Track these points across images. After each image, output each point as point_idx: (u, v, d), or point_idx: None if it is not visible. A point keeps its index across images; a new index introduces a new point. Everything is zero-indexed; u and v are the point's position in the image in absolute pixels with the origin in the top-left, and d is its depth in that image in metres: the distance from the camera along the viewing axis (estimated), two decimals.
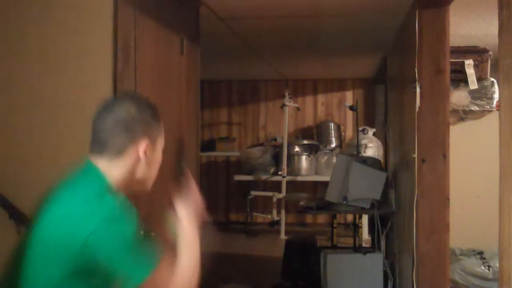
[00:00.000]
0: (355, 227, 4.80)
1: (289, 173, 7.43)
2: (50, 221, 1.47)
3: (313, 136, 8.13)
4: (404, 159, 3.96)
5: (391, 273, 4.29)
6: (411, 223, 3.34)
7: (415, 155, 3.25)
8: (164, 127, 2.79)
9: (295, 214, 8.07)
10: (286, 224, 7.38)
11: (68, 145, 2.32)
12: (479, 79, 4.81)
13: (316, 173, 7.62)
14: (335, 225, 5.07)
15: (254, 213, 7.99)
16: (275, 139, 8.19)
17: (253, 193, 7.85)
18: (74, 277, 1.43)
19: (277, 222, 7.39)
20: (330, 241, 5.17)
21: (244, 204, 7.89)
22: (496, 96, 4.84)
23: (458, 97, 4.84)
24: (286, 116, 7.59)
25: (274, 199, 7.52)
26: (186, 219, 1.61)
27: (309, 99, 8.49)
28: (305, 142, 7.80)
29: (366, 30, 4.50)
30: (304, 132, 8.37)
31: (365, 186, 4.22)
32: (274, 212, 7.61)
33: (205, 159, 8.42)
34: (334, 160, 5.36)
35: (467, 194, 5.02)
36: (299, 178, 7.61)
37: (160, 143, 1.68)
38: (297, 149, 7.62)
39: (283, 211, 7.32)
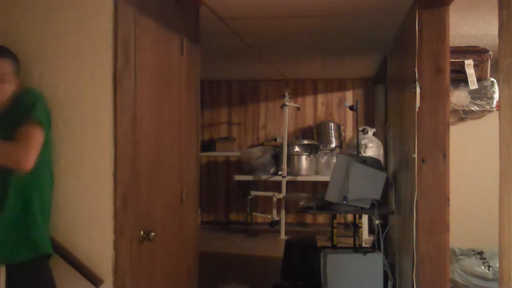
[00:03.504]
0: (355, 227, 4.80)
1: (289, 173, 7.43)
2: None
3: (313, 136, 8.13)
4: (404, 159, 3.96)
5: (391, 273, 4.29)
6: (411, 223, 3.34)
7: (415, 155, 3.25)
8: (165, 126, 2.79)
9: (295, 214, 8.08)
10: (286, 224, 7.38)
11: (68, 144, 2.32)
12: (479, 79, 4.81)
13: (316, 173, 7.62)
14: (335, 225, 5.07)
15: (254, 213, 7.99)
16: (275, 139, 8.19)
17: (253, 193, 7.85)
18: None
19: (277, 222, 7.39)
20: (330, 241, 5.17)
21: (244, 204, 7.89)
22: (496, 96, 4.84)
23: (458, 97, 4.84)
24: (286, 116, 7.59)
25: (274, 199, 7.52)
26: None
27: (309, 99, 8.49)
28: (305, 142, 7.80)
29: (366, 30, 4.51)
30: (304, 132, 8.37)
31: (365, 186, 4.22)
32: (274, 212, 7.62)
33: (205, 159, 8.42)
34: (334, 160, 5.35)
35: (467, 194, 5.03)
36: (299, 178, 7.61)
37: None
38: (297, 149, 7.62)
39: (283, 211, 7.32)
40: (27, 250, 2.19)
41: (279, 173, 7.43)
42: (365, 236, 6.64)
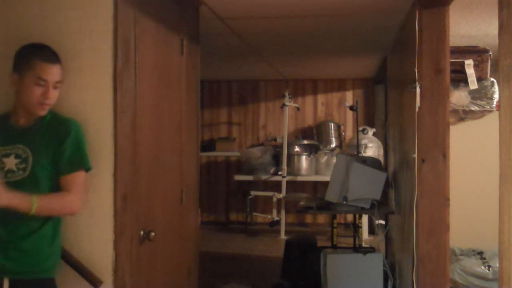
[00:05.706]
0: (355, 227, 4.80)
1: (289, 173, 7.43)
2: None
3: (313, 136, 8.14)
4: (404, 159, 3.96)
5: (391, 273, 4.30)
6: (411, 223, 3.34)
7: (415, 155, 3.25)
8: (165, 126, 2.78)
9: (295, 214, 8.08)
10: (286, 224, 7.38)
11: None
12: (479, 79, 4.81)
13: (316, 173, 7.62)
14: (335, 225, 5.07)
15: (254, 213, 7.99)
16: (275, 139, 8.20)
17: (253, 193, 7.85)
18: None
19: (277, 222, 7.39)
20: (330, 241, 5.17)
21: (244, 204, 7.90)
22: (496, 96, 4.85)
23: (458, 97, 4.85)
24: (286, 116, 7.60)
25: (274, 199, 7.53)
26: None
27: (309, 99, 8.49)
28: (305, 142, 7.80)
29: (366, 30, 4.50)
30: (304, 132, 8.37)
31: (365, 186, 4.22)
32: (274, 212, 7.62)
33: (205, 159, 8.43)
34: (334, 160, 5.35)
35: (467, 194, 5.02)
36: (299, 178, 7.61)
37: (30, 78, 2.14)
38: (297, 149, 7.63)
39: (283, 211, 7.32)
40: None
41: (279, 173, 7.43)
42: (365, 236, 6.65)
